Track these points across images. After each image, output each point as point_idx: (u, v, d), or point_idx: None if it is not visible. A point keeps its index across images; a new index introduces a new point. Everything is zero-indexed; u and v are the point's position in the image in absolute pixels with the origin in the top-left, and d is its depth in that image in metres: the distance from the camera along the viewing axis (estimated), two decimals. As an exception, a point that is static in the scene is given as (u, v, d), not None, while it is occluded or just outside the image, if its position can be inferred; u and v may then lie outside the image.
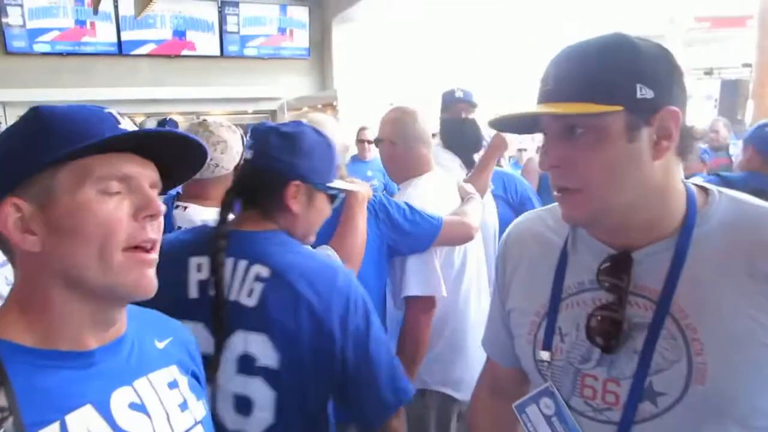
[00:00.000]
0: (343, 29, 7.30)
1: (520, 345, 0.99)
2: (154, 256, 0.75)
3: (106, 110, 0.76)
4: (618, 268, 0.85)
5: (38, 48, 5.96)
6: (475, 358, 1.93)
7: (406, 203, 1.75)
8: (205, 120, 1.95)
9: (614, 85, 0.78)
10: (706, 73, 8.72)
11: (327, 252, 1.52)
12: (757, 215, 0.82)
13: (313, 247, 1.55)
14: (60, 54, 6.06)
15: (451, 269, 1.93)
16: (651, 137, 0.79)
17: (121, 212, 0.72)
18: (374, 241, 1.65)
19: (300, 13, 7.32)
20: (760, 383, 0.77)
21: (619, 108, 0.77)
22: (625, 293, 0.84)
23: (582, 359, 0.88)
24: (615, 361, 0.85)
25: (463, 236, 1.87)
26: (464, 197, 2.05)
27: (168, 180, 0.80)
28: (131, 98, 6.23)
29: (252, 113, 7.83)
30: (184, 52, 6.74)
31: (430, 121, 2.06)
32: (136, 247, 0.73)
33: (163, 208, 0.75)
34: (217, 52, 6.93)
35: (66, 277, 0.71)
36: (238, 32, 7.00)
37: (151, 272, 0.74)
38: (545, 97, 0.84)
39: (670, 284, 0.82)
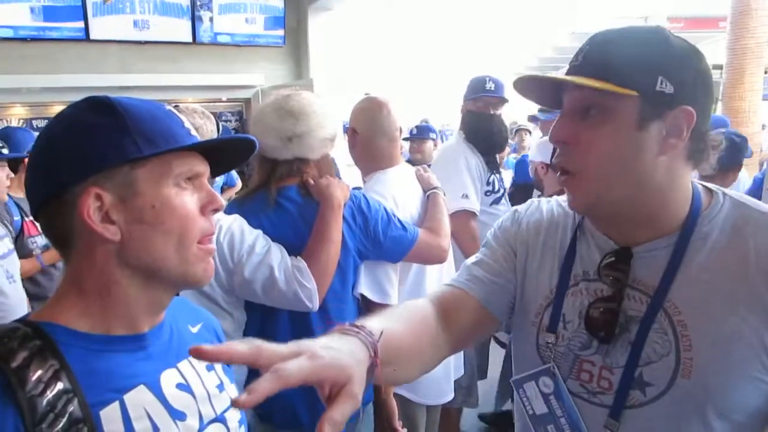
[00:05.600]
0: (319, 17, 7.19)
1: (524, 327, 1.01)
2: (213, 246, 0.83)
3: (166, 107, 0.83)
4: (619, 262, 0.88)
5: (1, 33, 5.71)
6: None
7: (385, 209, 1.72)
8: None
9: (636, 71, 0.79)
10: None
11: (298, 264, 1.50)
12: (758, 220, 0.84)
13: (290, 253, 1.52)
14: (24, 39, 5.82)
15: (407, 272, 1.91)
16: (660, 132, 0.80)
17: (195, 207, 0.78)
18: (346, 245, 1.62)
19: (275, 0, 7.17)
20: (743, 381, 0.80)
21: (634, 93, 0.78)
22: (623, 286, 0.88)
23: (582, 346, 0.92)
24: (611, 350, 0.88)
25: (436, 259, 1.86)
26: (426, 189, 2.01)
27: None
28: (99, 85, 6.01)
29: (226, 101, 7.69)
30: (155, 39, 6.55)
31: (400, 115, 2.02)
32: (200, 240, 0.79)
33: (224, 202, 0.82)
34: (190, 39, 6.75)
35: (139, 266, 0.76)
36: (211, 18, 6.83)
37: (212, 261, 0.82)
38: (571, 71, 0.84)
39: (666, 281, 0.85)
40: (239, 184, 5.32)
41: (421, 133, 4.70)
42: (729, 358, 0.80)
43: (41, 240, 2.70)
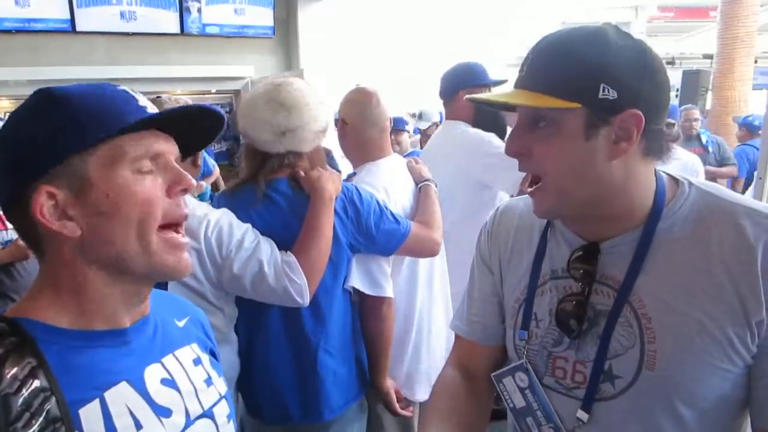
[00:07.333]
0: (309, 8, 7.12)
1: (506, 330, 1.05)
2: (186, 239, 0.79)
3: (119, 87, 0.78)
4: (587, 257, 0.90)
5: (-16, 25, 5.62)
6: (420, 354, 1.94)
7: (378, 202, 1.70)
8: (159, 97, 1.85)
9: (577, 83, 0.79)
10: (668, 63, 8.93)
11: (288, 259, 1.48)
12: (722, 211, 0.84)
13: (280, 248, 1.50)
14: (8, 31, 5.72)
15: (400, 264, 1.89)
16: (610, 137, 0.80)
17: (158, 190, 0.74)
18: (338, 238, 1.59)
19: (264, -10, 7.09)
20: (708, 372, 0.81)
21: (577, 105, 0.78)
22: (592, 281, 0.89)
23: (555, 343, 0.94)
24: (581, 344, 0.91)
25: (428, 253, 1.85)
26: (418, 181, 1.99)
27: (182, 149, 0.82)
28: (86, 78, 5.94)
29: (215, 93, 7.62)
30: (142, 30, 6.46)
31: (389, 106, 2.00)
32: (169, 226, 0.75)
33: (193, 181, 0.78)
34: (177, 30, 6.67)
35: (105, 259, 0.73)
36: (199, 9, 6.75)
37: (186, 255, 0.78)
38: (518, 84, 0.85)
39: (631, 274, 0.86)
40: (216, 171, 5.40)
41: (397, 125, 4.71)
42: (692, 350, 0.81)
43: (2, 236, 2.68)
